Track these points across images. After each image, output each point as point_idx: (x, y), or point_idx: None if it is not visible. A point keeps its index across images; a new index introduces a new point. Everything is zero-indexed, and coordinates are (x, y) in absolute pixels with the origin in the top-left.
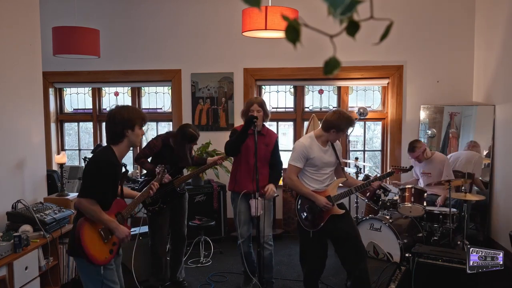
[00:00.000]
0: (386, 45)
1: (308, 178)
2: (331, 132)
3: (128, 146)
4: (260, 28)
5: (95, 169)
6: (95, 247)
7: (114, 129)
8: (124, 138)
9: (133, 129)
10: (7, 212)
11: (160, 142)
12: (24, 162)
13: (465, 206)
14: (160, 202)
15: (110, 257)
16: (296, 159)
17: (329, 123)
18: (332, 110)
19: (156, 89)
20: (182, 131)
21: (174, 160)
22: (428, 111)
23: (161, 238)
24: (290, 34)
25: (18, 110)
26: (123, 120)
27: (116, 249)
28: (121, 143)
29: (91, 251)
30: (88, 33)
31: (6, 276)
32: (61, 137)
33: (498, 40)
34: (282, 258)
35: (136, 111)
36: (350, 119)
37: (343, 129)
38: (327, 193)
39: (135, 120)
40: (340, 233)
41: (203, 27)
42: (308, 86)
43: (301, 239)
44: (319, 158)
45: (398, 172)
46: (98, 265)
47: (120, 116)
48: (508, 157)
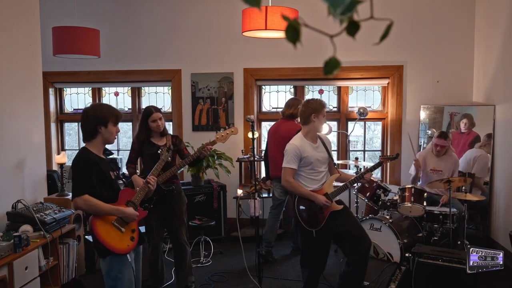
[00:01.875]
0: (386, 45)
1: (305, 178)
2: (312, 120)
3: (103, 142)
4: (260, 28)
5: (75, 168)
6: (114, 239)
7: (88, 126)
8: (97, 135)
9: (107, 126)
10: (7, 212)
11: (136, 140)
12: (24, 162)
13: (465, 206)
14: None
15: (133, 244)
16: (290, 161)
17: (305, 113)
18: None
19: (156, 89)
20: (144, 109)
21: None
22: (428, 111)
23: (151, 239)
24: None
25: (18, 110)
26: (96, 117)
27: (136, 235)
28: (94, 140)
29: (111, 243)
30: (88, 33)
31: (6, 276)
32: (61, 137)
33: (498, 40)
34: (282, 258)
35: (110, 108)
36: (318, 99)
37: (319, 109)
38: (324, 191)
39: (108, 118)
40: (342, 228)
41: (203, 27)
42: (308, 86)
43: (304, 239)
44: (312, 155)
45: (387, 161)
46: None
47: (93, 113)
48: (508, 157)
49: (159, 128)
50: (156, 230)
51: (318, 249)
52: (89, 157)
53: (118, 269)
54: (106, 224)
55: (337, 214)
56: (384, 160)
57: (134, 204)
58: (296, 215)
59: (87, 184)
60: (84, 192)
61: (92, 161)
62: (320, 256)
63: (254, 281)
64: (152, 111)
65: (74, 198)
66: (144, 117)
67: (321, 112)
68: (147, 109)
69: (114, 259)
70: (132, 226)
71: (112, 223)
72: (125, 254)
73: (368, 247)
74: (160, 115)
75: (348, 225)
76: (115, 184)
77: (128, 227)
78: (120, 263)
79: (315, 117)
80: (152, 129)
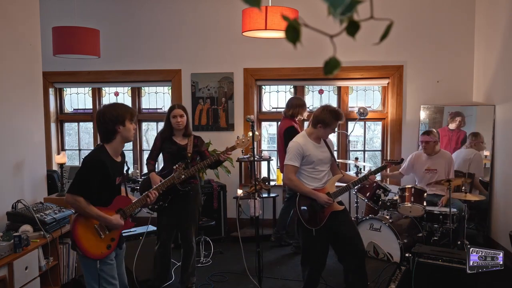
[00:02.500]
0: (386, 45)
1: (306, 177)
2: (318, 128)
3: (122, 142)
4: (260, 28)
5: (83, 167)
6: (90, 242)
7: (106, 127)
8: (116, 135)
9: (124, 124)
10: (7, 212)
11: (159, 136)
12: (24, 162)
13: (465, 206)
14: (161, 200)
15: (107, 252)
16: (292, 158)
17: (315, 119)
18: (320, 106)
19: (156, 89)
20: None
21: (177, 152)
22: (428, 111)
23: (162, 239)
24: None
25: (18, 110)
26: (113, 117)
27: (114, 244)
28: (114, 140)
29: (85, 246)
30: (88, 33)
31: (6, 276)
32: (61, 137)
33: (498, 40)
34: (282, 258)
35: (124, 107)
36: (336, 113)
37: (329, 123)
38: (326, 190)
39: (124, 116)
40: (339, 230)
41: (203, 27)
42: (308, 86)
43: (304, 238)
44: (315, 154)
45: (391, 165)
46: (93, 259)
47: (109, 114)
48: (508, 157)
49: (178, 125)
50: (167, 229)
51: (318, 248)
52: (101, 159)
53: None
54: (88, 225)
55: (338, 214)
56: (388, 164)
57: (124, 213)
58: (297, 213)
59: (87, 185)
60: (80, 194)
61: (102, 164)
62: (320, 255)
63: (254, 281)
64: (175, 107)
65: (67, 193)
66: (167, 113)
67: (330, 126)
68: (171, 106)
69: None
70: (113, 235)
71: (94, 226)
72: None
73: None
74: (181, 112)
75: (343, 230)
76: (116, 190)
77: (109, 234)
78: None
79: (321, 128)
80: (173, 125)
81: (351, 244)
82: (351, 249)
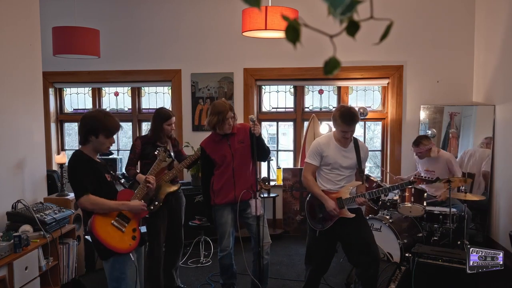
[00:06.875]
0: (386, 45)
1: (323, 177)
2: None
3: (94, 150)
4: (260, 28)
5: (71, 170)
6: (115, 239)
7: (80, 131)
8: (88, 142)
9: (97, 136)
10: (7, 212)
11: (139, 140)
12: (24, 162)
13: (465, 206)
14: (155, 201)
15: (135, 243)
16: (310, 156)
17: (332, 118)
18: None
19: (156, 89)
20: (157, 111)
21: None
22: (428, 111)
23: (160, 241)
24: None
25: (18, 110)
26: (88, 126)
27: (138, 234)
28: (87, 145)
29: (112, 244)
30: (88, 33)
31: (6, 276)
32: (61, 137)
33: (498, 40)
34: (282, 258)
35: (105, 120)
36: (344, 114)
37: (337, 124)
38: (339, 195)
39: (100, 129)
40: (348, 238)
41: (203, 27)
42: (308, 86)
43: (308, 236)
44: (334, 157)
45: (421, 182)
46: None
47: (87, 120)
48: (508, 157)
49: (170, 132)
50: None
51: (319, 250)
52: (82, 155)
53: (120, 270)
54: (106, 225)
55: (348, 222)
56: (418, 181)
57: None
58: (306, 211)
59: (88, 182)
60: (87, 191)
61: (85, 158)
62: (322, 257)
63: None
64: (170, 115)
65: (78, 199)
66: (160, 119)
67: (339, 127)
68: (165, 113)
69: (117, 259)
70: (132, 225)
71: (111, 223)
72: (127, 253)
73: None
74: (175, 120)
75: (354, 236)
76: (112, 186)
77: (128, 226)
78: (122, 263)
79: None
80: (166, 132)
81: (359, 252)
82: (360, 257)
